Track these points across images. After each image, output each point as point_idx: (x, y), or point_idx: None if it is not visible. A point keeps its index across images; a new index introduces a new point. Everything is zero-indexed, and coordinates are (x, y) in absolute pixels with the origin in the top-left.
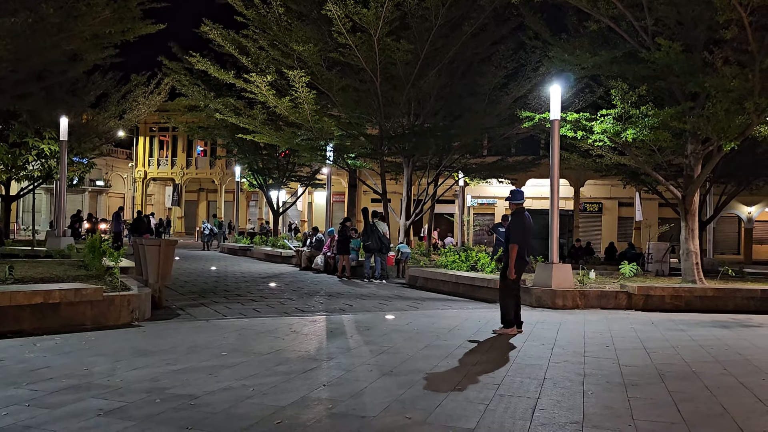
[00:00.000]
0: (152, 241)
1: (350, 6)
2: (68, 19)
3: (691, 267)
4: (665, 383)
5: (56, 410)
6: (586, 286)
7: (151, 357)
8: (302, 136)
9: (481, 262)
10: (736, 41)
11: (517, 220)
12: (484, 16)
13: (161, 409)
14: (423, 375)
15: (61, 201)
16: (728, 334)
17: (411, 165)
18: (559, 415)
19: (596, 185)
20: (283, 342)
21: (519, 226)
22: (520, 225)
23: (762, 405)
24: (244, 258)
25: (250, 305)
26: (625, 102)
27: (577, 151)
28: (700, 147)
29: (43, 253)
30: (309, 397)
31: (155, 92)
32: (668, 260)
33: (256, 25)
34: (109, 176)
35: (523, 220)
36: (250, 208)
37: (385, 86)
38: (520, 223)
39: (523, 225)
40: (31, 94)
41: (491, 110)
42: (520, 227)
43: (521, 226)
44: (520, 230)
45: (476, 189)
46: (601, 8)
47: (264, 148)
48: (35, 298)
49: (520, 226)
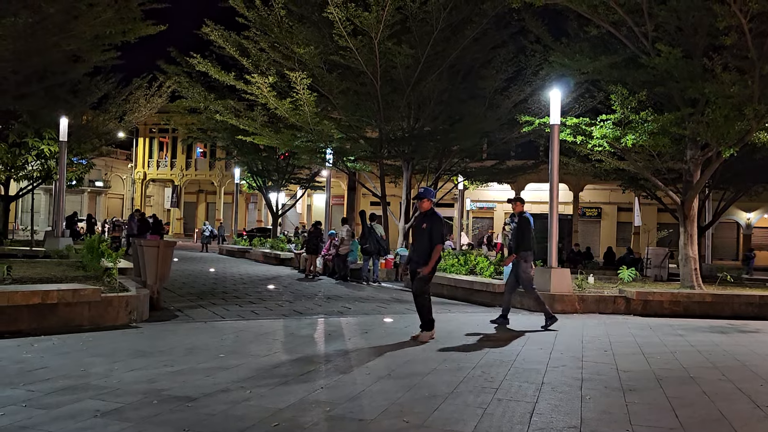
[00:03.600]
0: (150, 242)
1: (351, 9)
2: (69, 19)
3: (689, 272)
4: (663, 388)
5: (53, 411)
6: (585, 290)
7: (148, 358)
8: (302, 139)
9: (480, 266)
10: (736, 48)
11: (437, 219)
12: (486, 20)
13: (158, 411)
14: (421, 378)
15: (60, 201)
16: (726, 340)
17: (410, 168)
18: (557, 420)
19: (595, 190)
20: (281, 344)
21: (441, 226)
22: (440, 224)
23: (760, 411)
24: (242, 260)
25: (248, 307)
26: (625, 107)
27: (577, 155)
28: (700, 153)
29: (41, 254)
30: (307, 399)
31: (156, 94)
32: (667, 265)
33: (257, 27)
34: (108, 177)
35: (442, 220)
36: (249, 210)
37: (386, 89)
38: (440, 222)
39: (442, 225)
40: (31, 94)
41: (491, 114)
42: (441, 227)
43: (441, 225)
44: (441, 231)
45: (475, 193)
46: (602, 13)
47: (264, 150)
48: (33, 299)
49: (441, 225)
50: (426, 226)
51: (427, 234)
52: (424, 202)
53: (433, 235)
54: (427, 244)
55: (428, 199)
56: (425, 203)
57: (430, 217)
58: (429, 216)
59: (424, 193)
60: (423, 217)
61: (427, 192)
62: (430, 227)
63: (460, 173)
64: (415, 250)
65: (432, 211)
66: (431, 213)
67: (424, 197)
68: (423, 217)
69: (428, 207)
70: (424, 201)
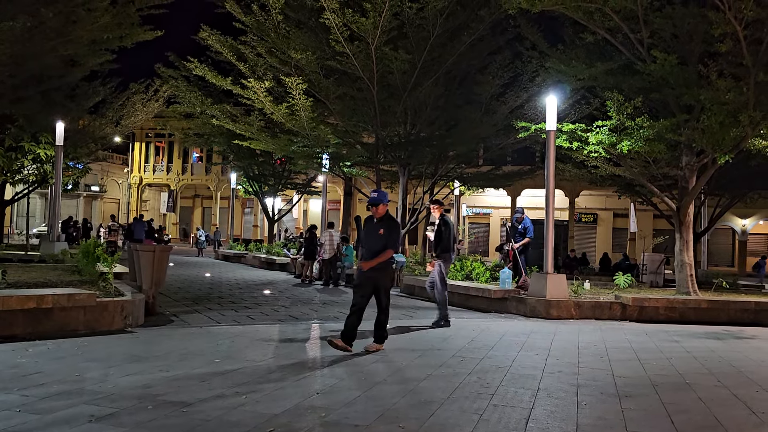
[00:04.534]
0: (146, 247)
1: (348, 15)
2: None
3: (685, 278)
4: (659, 394)
5: (47, 416)
6: (581, 296)
7: (143, 363)
8: (298, 144)
9: (476, 272)
10: (731, 55)
11: (394, 225)
12: (483, 26)
13: (153, 416)
14: (417, 384)
15: (56, 206)
16: (722, 346)
17: (407, 174)
18: (552, 426)
19: (591, 196)
20: (277, 350)
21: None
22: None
23: (755, 417)
24: (238, 264)
25: (243, 312)
26: (621, 113)
27: (573, 161)
28: (695, 159)
29: (36, 258)
30: (302, 405)
31: (153, 99)
32: (662, 271)
33: (255, 32)
34: (104, 181)
35: (399, 226)
36: (246, 215)
37: (382, 95)
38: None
39: (399, 231)
40: (28, 98)
41: (487, 120)
42: (398, 233)
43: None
44: (398, 237)
45: (471, 198)
46: (598, 20)
47: (260, 155)
48: (28, 303)
49: (398, 231)
50: (383, 232)
51: (383, 240)
52: (378, 207)
53: (390, 241)
54: (382, 250)
55: (384, 204)
56: (381, 208)
57: (387, 222)
58: (386, 221)
59: (378, 197)
60: (379, 222)
61: (381, 196)
62: (388, 233)
63: (456, 179)
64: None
65: (388, 215)
66: (387, 218)
67: (380, 202)
68: (379, 222)
69: (384, 212)
70: (378, 207)
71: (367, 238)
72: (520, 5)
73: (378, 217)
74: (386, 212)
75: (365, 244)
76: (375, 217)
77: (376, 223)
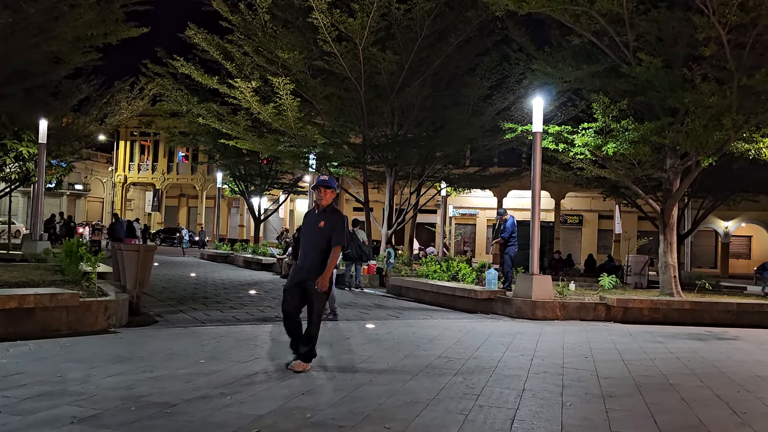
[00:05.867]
0: (130, 246)
1: (336, 15)
2: (50, 20)
3: (669, 280)
4: (643, 395)
5: (29, 417)
6: (566, 297)
7: (127, 364)
8: (285, 143)
9: (462, 273)
10: (715, 58)
11: (339, 218)
12: (470, 28)
13: (137, 417)
14: (402, 385)
15: (39, 204)
16: (704, 347)
17: (394, 174)
18: (538, 426)
19: (577, 198)
20: (262, 350)
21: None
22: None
23: (737, 417)
24: (224, 264)
25: (229, 312)
26: (607, 116)
27: (559, 163)
28: (679, 162)
29: (18, 257)
30: (287, 406)
31: (138, 97)
32: (647, 273)
33: (242, 31)
34: (88, 180)
35: (345, 220)
36: (231, 215)
37: (370, 95)
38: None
39: (345, 225)
40: (10, 95)
41: (474, 121)
42: (344, 228)
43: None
44: (344, 232)
45: (458, 199)
46: (584, 23)
47: (246, 155)
48: (9, 303)
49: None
50: (324, 225)
51: (326, 235)
52: (327, 192)
53: (334, 237)
54: (326, 247)
55: (333, 190)
56: (328, 195)
57: (331, 215)
58: (329, 213)
59: (328, 181)
60: (321, 214)
61: (331, 181)
62: (332, 227)
63: (443, 179)
64: (306, 256)
65: (333, 206)
66: (332, 209)
67: (329, 186)
68: (321, 214)
69: (329, 201)
70: (327, 192)
71: (307, 232)
72: (507, 7)
73: (321, 208)
74: (332, 203)
75: (305, 238)
76: (318, 206)
77: (318, 215)
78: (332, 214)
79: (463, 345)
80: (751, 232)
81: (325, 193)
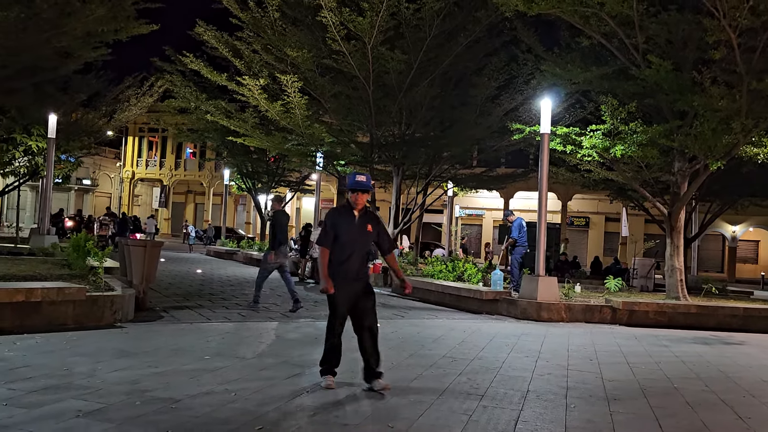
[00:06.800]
0: (137, 242)
1: (345, 14)
2: (62, 15)
3: (675, 283)
4: (647, 398)
5: (34, 410)
6: (572, 299)
7: (132, 359)
8: (293, 142)
9: (468, 273)
10: (725, 62)
11: (379, 221)
12: (479, 28)
13: (141, 412)
14: (407, 384)
15: (47, 199)
16: (710, 351)
17: (400, 174)
18: (541, 428)
19: (584, 200)
20: (267, 347)
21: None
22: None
23: (742, 422)
24: (230, 261)
25: (234, 309)
26: (615, 118)
27: (566, 165)
28: (687, 165)
29: (26, 251)
30: (291, 403)
31: (147, 94)
32: (653, 276)
33: (251, 29)
34: (96, 175)
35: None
36: (238, 212)
37: (378, 94)
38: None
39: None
40: (20, 89)
41: (482, 121)
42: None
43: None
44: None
45: (465, 200)
46: (593, 25)
47: (254, 152)
48: (17, 296)
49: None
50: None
51: (373, 239)
52: (365, 195)
53: (389, 243)
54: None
55: (369, 191)
56: (365, 196)
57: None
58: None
59: (366, 182)
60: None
61: (369, 181)
62: (377, 232)
63: (450, 179)
64: (354, 263)
65: (368, 208)
66: (371, 212)
67: (367, 190)
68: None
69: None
70: (365, 194)
71: (353, 237)
72: (516, 8)
73: (360, 209)
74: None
75: (351, 244)
76: (353, 208)
77: (361, 217)
78: (374, 217)
79: (467, 345)
80: (759, 236)
81: (359, 196)
